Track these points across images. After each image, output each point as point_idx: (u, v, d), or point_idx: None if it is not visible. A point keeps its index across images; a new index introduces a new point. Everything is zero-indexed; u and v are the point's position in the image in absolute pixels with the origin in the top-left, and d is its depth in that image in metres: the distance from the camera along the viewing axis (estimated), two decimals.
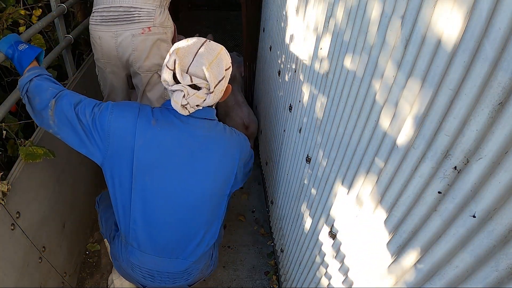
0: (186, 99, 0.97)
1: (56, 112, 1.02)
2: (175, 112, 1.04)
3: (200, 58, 0.97)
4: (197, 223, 1.16)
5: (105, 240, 1.51)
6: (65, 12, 1.52)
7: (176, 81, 0.98)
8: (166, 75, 0.98)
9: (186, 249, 1.19)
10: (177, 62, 0.96)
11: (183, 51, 0.98)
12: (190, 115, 1.05)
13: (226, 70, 1.02)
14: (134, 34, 1.40)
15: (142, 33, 1.41)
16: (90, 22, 1.47)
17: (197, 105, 1.01)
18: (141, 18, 1.40)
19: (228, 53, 1.06)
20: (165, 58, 1.12)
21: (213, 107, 1.12)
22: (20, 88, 1.04)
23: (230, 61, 1.05)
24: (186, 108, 1.01)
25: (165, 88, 1.53)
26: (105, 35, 1.43)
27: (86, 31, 1.94)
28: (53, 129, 1.05)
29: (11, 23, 1.35)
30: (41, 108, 1.02)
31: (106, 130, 1.02)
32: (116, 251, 1.26)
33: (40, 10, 1.51)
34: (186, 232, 1.16)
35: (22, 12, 1.40)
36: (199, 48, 0.99)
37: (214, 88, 0.98)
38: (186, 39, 1.03)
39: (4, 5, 1.35)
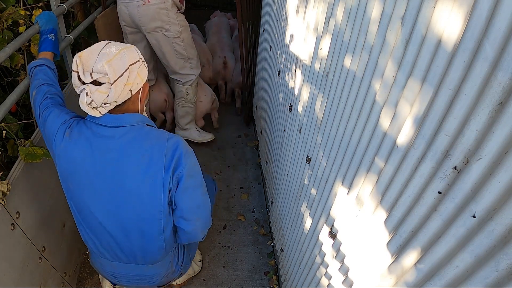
0: (90, 97, 0.97)
1: (33, 103, 1.13)
2: (90, 123, 1.04)
3: (102, 56, 0.97)
4: (133, 233, 1.12)
5: None
6: (65, 12, 1.52)
7: (82, 82, 0.98)
8: (73, 78, 0.99)
9: (135, 255, 1.18)
10: (78, 63, 0.97)
11: (86, 53, 0.99)
12: (104, 125, 1.03)
13: (131, 65, 1.00)
14: (139, 5, 1.86)
15: (144, 4, 1.86)
16: None
17: (104, 103, 0.98)
18: None
19: (136, 51, 1.05)
20: (164, 21, 1.93)
21: (140, 112, 1.09)
22: (28, 72, 1.20)
23: (138, 58, 1.03)
24: (95, 108, 0.99)
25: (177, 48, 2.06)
26: (121, 5, 1.93)
27: (86, 31, 1.95)
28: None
29: (11, 23, 1.35)
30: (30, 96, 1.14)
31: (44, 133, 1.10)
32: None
33: (40, 10, 1.51)
34: (126, 240, 1.14)
35: (22, 12, 1.40)
36: (102, 49, 0.99)
37: (115, 81, 0.96)
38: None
39: (4, 5, 1.35)
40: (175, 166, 1.05)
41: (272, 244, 1.86)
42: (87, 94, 0.96)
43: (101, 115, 1.00)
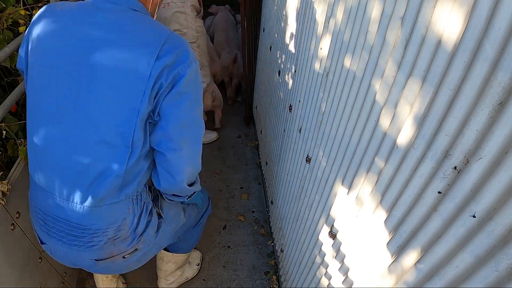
0: None
1: (18, 60, 0.98)
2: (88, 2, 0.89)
3: None
4: (92, 149, 0.87)
5: None
6: None
7: None
8: None
9: (77, 188, 0.90)
10: None
11: None
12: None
13: None
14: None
15: (163, 7, 1.94)
16: None
17: None
18: None
19: None
20: (182, 25, 1.99)
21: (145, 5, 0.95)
22: None
23: None
24: None
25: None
26: None
27: None
28: None
29: (11, 23, 1.35)
30: None
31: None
32: None
33: None
34: (74, 162, 0.88)
35: (22, 12, 1.40)
36: None
37: None
38: None
39: (4, 5, 1.35)
40: (175, 60, 0.84)
41: (272, 244, 1.86)
42: None
43: None
